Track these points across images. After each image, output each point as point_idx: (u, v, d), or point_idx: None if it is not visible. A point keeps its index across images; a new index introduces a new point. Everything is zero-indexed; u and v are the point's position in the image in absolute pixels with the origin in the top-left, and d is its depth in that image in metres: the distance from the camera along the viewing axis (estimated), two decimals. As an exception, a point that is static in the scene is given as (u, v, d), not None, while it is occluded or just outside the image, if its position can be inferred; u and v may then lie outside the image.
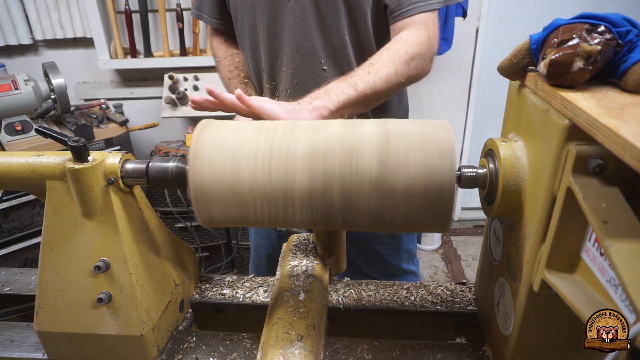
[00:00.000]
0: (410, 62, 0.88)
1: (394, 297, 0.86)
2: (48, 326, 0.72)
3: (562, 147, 0.50)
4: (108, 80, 2.57)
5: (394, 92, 0.89)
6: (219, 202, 0.59)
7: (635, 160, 0.37)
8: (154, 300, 0.73)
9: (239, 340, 0.78)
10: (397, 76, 0.86)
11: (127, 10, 2.27)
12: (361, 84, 0.82)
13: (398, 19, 0.95)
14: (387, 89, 0.86)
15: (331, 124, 0.61)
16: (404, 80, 0.88)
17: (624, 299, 0.41)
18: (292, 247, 0.90)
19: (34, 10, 2.35)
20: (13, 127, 1.81)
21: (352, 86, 0.81)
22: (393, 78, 0.85)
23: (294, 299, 0.72)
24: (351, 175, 0.56)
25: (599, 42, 0.49)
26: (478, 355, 0.74)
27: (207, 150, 0.59)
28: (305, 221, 0.60)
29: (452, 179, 0.55)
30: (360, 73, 0.84)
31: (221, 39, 1.19)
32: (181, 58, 2.34)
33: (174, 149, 2.23)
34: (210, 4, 1.14)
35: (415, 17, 0.93)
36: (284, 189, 0.57)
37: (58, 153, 0.69)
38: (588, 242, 0.49)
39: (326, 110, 0.77)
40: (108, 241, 0.68)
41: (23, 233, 1.97)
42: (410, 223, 0.59)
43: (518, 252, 0.62)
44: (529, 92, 0.60)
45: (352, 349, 0.74)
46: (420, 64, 0.91)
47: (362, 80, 0.83)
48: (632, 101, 0.48)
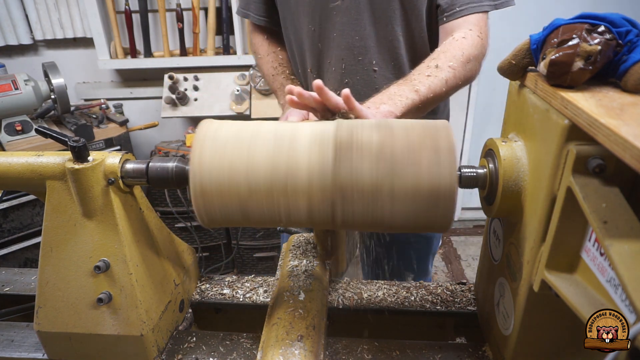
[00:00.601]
0: (467, 64, 0.87)
1: (394, 297, 0.86)
2: (48, 326, 0.72)
3: (562, 147, 0.50)
4: (108, 80, 2.57)
5: (450, 94, 0.88)
6: (219, 202, 0.59)
7: (635, 160, 0.37)
8: (154, 300, 0.73)
9: (239, 340, 0.78)
10: (456, 79, 0.85)
11: (127, 10, 2.27)
12: (422, 88, 0.81)
13: (450, 19, 0.94)
14: (447, 92, 0.85)
15: (332, 125, 0.61)
16: (461, 83, 0.87)
17: (624, 299, 0.41)
18: (292, 247, 0.90)
19: (34, 10, 2.35)
20: (13, 127, 1.81)
21: (414, 90, 0.80)
22: (452, 81, 0.85)
23: (294, 299, 0.72)
24: (352, 175, 0.56)
25: (599, 42, 0.49)
26: (478, 355, 0.74)
27: (208, 150, 0.59)
28: (305, 221, 0.60)
29: (453, 179, 0.55)
30: (420, 76, 0.83)
31: (263, 36, 1.19)
32: (181, 58, 2.34)
33: (174, 149, 2.23)
34: (257, 2, 1.14)
35: (468, 18, 0.93)
36: (285, 188, 0.57)
37: (58, 153, 0.69)
38: (588, 242, 0.49)
39: (392, 116, 0.76)
40: (108, 241, 0.68)
41: (23, 233, 1.97)
42: (411, 223, 0.59)
43: (518, 252, 0.62)
44: (529, 92, 0.60)
45: (352, 349, 0.74)
46: (475, 66, 0.90)
47: (422, 83, 0.82)
48: (632, 101, 0.48)
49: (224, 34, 2.32)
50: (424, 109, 0.84)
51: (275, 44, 1.17)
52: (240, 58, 2.33)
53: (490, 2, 0.94)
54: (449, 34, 0.93)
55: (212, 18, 2.28)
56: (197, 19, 2.26)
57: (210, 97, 2.31)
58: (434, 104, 0.86)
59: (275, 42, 1.18)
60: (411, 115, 0.80)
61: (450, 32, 0.93)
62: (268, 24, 1.16)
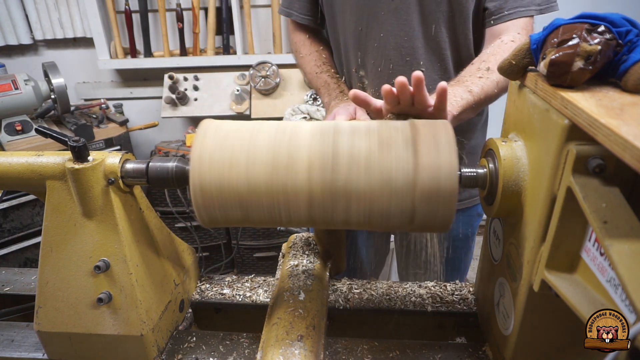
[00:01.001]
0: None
1: (394, 297, 0.86)
2: (48, 326, 0.72)
3: (562, 147, 0.50)
4: (108, 80, 2.57)
5: (500, 96, 0.89)
6: (219, 202, 0.59)
7: (635, 160, 0.37)
8: (154, 300, 0.73)
9: (239, 340, 0.78)
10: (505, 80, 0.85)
11: (127, 10, 2.27)
12: (476, 89, 0.82)
13: (498, 22, 0.94)
14: (497, 93, 0.86)
15: (333, 125, 0.61)
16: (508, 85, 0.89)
17: (624, 299, 0.41)
18: (292, 247, 0.90)
19: (34, 10, 2.35)
20: (13, 127, 1.81)
21: (468, 91, 0.81)
22: (502, 82, 0.85)
23: (294, 299, 0.72)
24: (352, 175, 0.56)
25: (599, 42, 0.49)
26: (478, 355, 0.74)
27: (209, 150, 0.59)
28: (305, 220, 0.60)
29: (453, 180, 0.55)
30: (472, 77, 0.84)
31: (305, 35, 1.19)
32: (181, 58, 2.34)
33: (174, 149, 2.23)
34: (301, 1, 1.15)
35: (516, 22, 0.93)
36: (286, 188, 0.57)
37: (58, 153, 0.69)
38: (588, 242, 0.49)
39: (450, 116, 0.76)
40: (108, 241, 0.68)
41: (23, 233, 1.97)
42: (415, 224, 0.59)
43: (518, 252, 0.62)
44: (529, 92, 0.60)
45: (352, 349, 0.74)
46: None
47: (475, 84, 0.83)
48: (632, 101, 0.48)
49: (224, 34, 2.32)
50: (477, 109, 0.85)
51: (318, 43, 1.18)
52: (240, 58, 2.33)
53: (536, 7, 0.94)
54: (496, 36, 0.94)
55: (212, 18, 2.28)
56: (197, 18, 2.26)
57: (210, 97, 2.31)
58: (486, 104, 0.87)
59: (318, 41, 1.18)
60: (466, 114, 0.81)
61: (498, 35, 0.94)
62: (311, 23, 1.16)
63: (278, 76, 2.24)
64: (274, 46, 2.37)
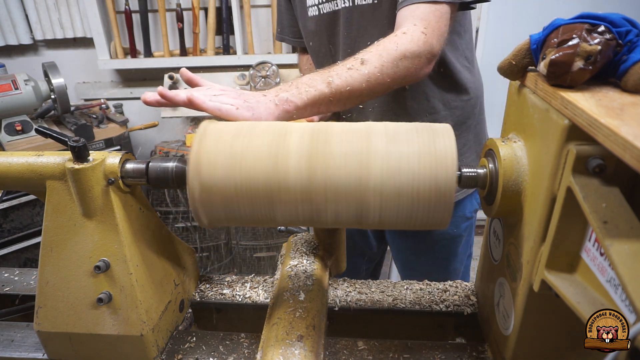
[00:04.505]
0: (400, 60, 0.78)
1: (394, 297, 0.86)
2: (48, 326, 0.72)
3: (562, 147, 0.50)
4: (108, 80, 2.57)
5: (377, 92, 0.81)
6: (217, 202, 0.59)
7: (635, 160, 0.37)
8: (154, 300, 0.73)
9: (239, 340, 0.78)
10: (382, 75, 0.78)
11: (127, 10, 2.27)
12: (337, 80, 0.75)
13: (399, 9, 0.87)
14: (368, 88, 0.77)
15: (333, 125, 0.61)
16: (390, 81, 0.79)
17: (624, 299, 0.41)
18: (292, 247, 0.90)
19: (34, 10, 2.35)
20: (13, 127, 1.81)
21: (326, 82, 0.75)
22: (376, 77, 0.77)
23: (294, 299, 0.72)
24: (351, 175, 0.56)
25: (599, 42, 0.49)
26: (478, 355, 0.74)
27: (206, 151, 0.59)
28: (306, 220, 0.60)
29: (453, 180, 0.55)
30: (340, 67, 0.77)
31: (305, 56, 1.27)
32: (181, 58, 2.34)
33: (174, 149, 2.23)
34: (290, 26, 1.22)
35: (414, 11, 0.84)
36: (285, 188, 0.57)
37: (58, 153, 0.69)
38: (588, 242, 0.49)
39: (292, 105, 0.72)
40: (108, 241, 0.68)
41: (23, 233, 1.97)
42: (411, 223, 0.59)
43: (518, 252, 0.62)
44: (529, 92, 0.60)
45: (352, 349, 0.74)
46: (412, 63, 0.80)
47: (339, 76, 0.76)
48: (632, 101, 0.48)
49: (224, 34, 2.32)
50: (340, 104, 0.78)
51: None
52: (240, 58, 2.33)
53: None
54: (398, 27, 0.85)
55: (212, 18, 2.28)
56: (197, 19, 2.26)
57: (210, 97, 2.30)
58: (353, 99, 0.79)
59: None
60: (320, 107, 0.76)
61: (399, 25, 0.85)
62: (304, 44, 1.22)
63: (278, 76, 2.24)
64: (274, 46, 2.37)
